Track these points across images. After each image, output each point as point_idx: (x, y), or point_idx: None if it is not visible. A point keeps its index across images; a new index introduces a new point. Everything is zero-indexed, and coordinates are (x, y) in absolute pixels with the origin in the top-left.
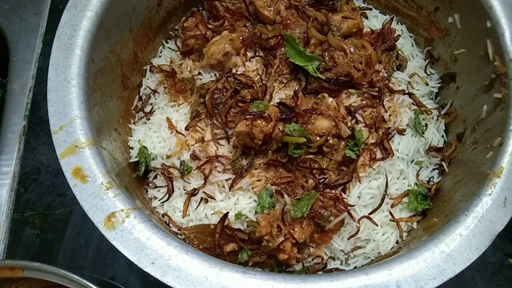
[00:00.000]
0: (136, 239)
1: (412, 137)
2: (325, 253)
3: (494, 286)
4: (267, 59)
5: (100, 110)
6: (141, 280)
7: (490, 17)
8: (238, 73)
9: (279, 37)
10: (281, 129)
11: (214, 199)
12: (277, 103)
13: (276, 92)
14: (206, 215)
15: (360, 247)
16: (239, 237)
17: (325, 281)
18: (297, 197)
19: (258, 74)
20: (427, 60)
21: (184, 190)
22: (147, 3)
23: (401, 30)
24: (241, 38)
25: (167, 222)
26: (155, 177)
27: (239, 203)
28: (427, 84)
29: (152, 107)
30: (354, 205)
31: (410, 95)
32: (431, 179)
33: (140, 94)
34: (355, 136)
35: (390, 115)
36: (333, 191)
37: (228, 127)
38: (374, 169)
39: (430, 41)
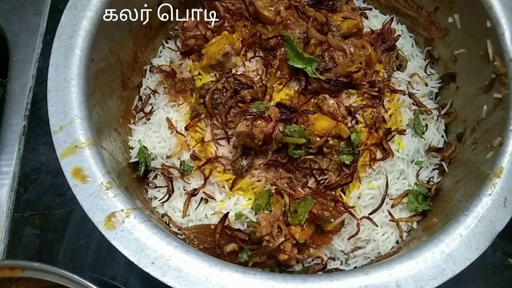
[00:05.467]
0: (136, 239)
1: (412, 137)
2: (325, 254)
3: (494, 286)
4: (267, 59)
5: (100, 110)
6: (141, 280)
7: (490, 17)
8: (238, 73)
9: (279, 37)
10: (281, 129)
11: (214, 199)
12: (277, 103)
13: (276, 93)
14: (206, 215)
15: (360, 247)
16: (240, 237)
17: (325, 281)
18: (297, 197)
19: (258, 74)
20: (427, 60)
21: (184, 190)
22: (147, 3)
23: (401, 30)
24: (241, 38)
25: (167, 222)
26: (155, 177)
27: (239, 203)
28: (427, 85)
29: (152, 107)
30: (354, 206)
31: (410, 95)
32: (431, 179)
33: (140, 94)
34: (350, 139)
35: (390, 115)
36: (333, 192)
37: (228, 127)
38: (374, 170)
39: (430, 41)
